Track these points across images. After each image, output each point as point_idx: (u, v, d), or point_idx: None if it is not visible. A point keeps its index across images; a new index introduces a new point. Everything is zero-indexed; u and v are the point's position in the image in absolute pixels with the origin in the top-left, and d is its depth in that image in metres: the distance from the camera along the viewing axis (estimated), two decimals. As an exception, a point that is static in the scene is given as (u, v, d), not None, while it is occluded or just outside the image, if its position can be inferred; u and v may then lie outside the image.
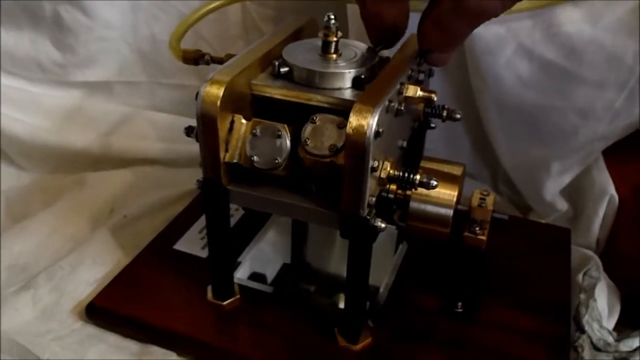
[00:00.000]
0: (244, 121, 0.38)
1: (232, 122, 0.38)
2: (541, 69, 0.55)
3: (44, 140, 0.66)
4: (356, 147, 0.34)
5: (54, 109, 0.68)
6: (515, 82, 0.57)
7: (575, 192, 0.61)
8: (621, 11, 0.52)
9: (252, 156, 0.38)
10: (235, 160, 0.38)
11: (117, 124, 0.69)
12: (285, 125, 0.38)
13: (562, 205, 0.61)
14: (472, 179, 0.65)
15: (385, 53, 0.43)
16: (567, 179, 0.60)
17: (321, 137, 0.36)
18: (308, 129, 0.37)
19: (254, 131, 0.38)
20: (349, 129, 0.34)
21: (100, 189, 0.62)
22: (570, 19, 0.53)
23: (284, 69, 0.39)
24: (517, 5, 0.54)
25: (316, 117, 0.37)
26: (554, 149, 0.57)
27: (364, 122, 0.34)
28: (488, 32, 0.55)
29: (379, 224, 0.37)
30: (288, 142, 0.37)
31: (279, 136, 0.37)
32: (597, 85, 0.53)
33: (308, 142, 0.36)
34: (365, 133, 0.33)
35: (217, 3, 0.52)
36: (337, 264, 0.57)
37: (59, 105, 0.69)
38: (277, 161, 0.37)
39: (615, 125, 0.54)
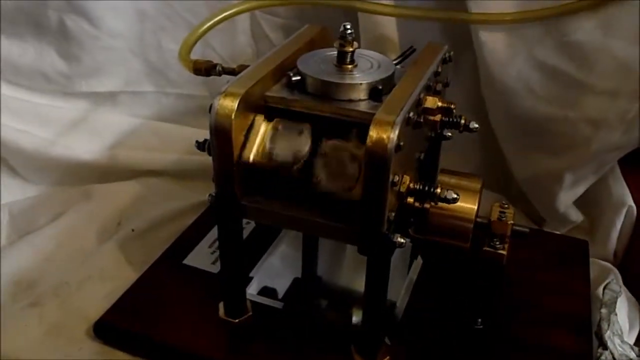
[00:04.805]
0: (264, 121, 0.37)
1: (253, 121, 0.37)
2: (552, 78, 0.54)
3: (49, 152, 0.65)
4: (377, 162, 0.33)
5: (59, 120, 0.67)
6: (526, 92, 0.56)
7: (591, 203, 0.60)
8: (633, 20, 0.51)
9: (272, 151, 0.37)
10: (251, 159, 0.37)
11: (123, 135, 0.68)
12: (308, 124, 0.37)
13: (577, 216, 0.60)
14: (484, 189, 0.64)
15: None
16: (581, 189, 0.59)
17: (333, 170, 0.35)
18: (319, 165, 0.36)
19: (277, 127, 0.37)
20: (369, 143, 0.33)
21: (107, 201, 0.61)
22: (582, 28, 0.52)
23: (298, 80, 0.39)
24: (529, 14, 0.53)
25: (325, 149, 0.36)
26: (566, 160, 0.56)
27: (384, 136, 0.32)
28: (499, 42, 0.55)
29: (399, 239, 0.36)
30: (309, 140, 0.36)
31: (301, 132, 0.37)
32: (609, 94, 0.53)
33: (320, 181, 0.36)
34: (386, 147, 0.32)
35: (226, 13, 0.51)
36: (349, 277, 0.56)
37: (64, 116, 0.68)
38: (299, 154, 0.36)
39: (631, 135, 0.53)
